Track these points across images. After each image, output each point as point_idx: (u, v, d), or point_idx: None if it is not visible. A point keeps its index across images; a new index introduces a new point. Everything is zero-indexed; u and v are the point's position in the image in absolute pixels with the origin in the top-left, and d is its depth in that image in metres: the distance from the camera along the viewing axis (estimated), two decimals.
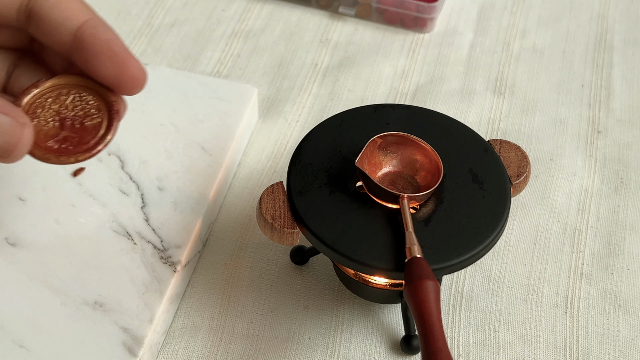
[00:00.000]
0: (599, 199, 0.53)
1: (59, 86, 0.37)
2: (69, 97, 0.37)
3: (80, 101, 0.37)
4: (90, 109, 0.37)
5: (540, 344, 0.46)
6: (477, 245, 0.42)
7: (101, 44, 0.35)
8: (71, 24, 0.36)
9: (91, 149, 0.36)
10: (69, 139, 0.36)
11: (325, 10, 0.65)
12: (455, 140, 0.47)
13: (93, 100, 0.37)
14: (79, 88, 0.37)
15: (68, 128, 0.36)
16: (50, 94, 0.37)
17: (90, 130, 0.36)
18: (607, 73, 0.61)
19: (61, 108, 0.37)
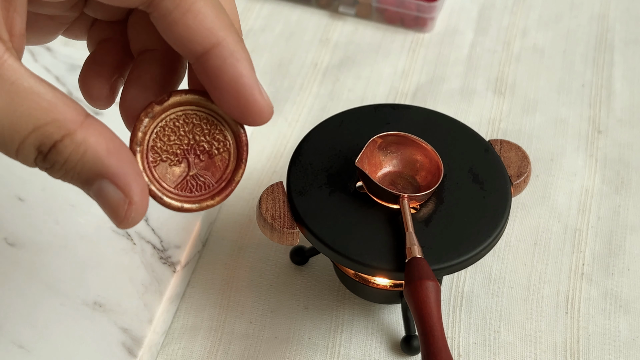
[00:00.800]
0: (599, 199, 0.53)
1: (177, 109, 0.31)
2: (190, 122, 0.31)
3: (203, 127, 0.31)
4: (214, 137, 0.31)
5: (540, 344, 0.46)
6: (478, 245, 0.42)
7: (229, 79, 0.29)
8: (200, 41, 0.29)
9: (223, 191, 0.31)
10: (197, 179, 0.31)
11: (325, 10, 0.65)
12: (456, 140, 0.47)
13: (217, 127, 0.31)
14: (200, 109, 0.31)
15: (194, 165, 0.31)
16: (169, 120, 0.31)
17: (218, 165, 0.31)
18: (608, 73, 0.61)
19: (183, 137, 0.31)
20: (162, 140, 0.30)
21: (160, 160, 0.30)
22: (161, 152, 0.30)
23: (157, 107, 0.30)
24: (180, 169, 0.31)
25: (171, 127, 0.30)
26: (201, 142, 0.31)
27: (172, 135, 0.30)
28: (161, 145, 0.30)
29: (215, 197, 0.31)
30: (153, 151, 0.30)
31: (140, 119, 0.30)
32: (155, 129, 0.30)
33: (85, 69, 0.33)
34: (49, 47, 0.57)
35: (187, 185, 0.31)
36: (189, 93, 0.31)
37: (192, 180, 0.31)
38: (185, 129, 0.31)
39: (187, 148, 0.31)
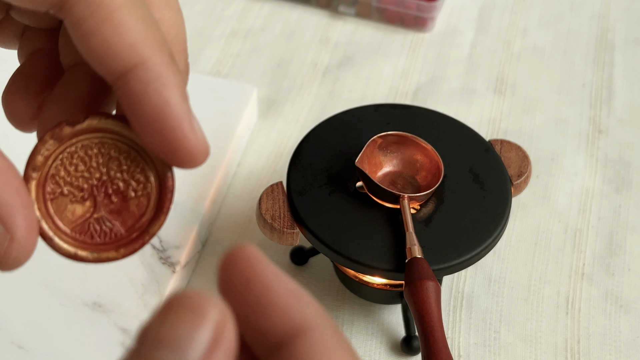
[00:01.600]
0: (600, 199, 0.53)
1: (93, 135, 0.25)
2: (107, 153, 0.25)
3: (121, 162, 0.25)
4: (134, 176, 0.25)
5: (541, 344, 0.46)
6: (478, 245, 0.42)
7: (152, 108, 0.23)
8: (118, 59, 0.23)
9: (132, 244, 0.25)
10: (103, 224, 0.25)
11: (325, 10, 0.65)
12: (456, 140, 0.47)
13: (139, 164, 0.25)
14: (121, 140, 0.25)
15: (102, 205, 0.25)
16: (80, 147, 0.25)
17: (132, 211, 0.25)
18: (609, 72, 0.61)
19: (94, 171, 0.25)
20: (67, 169, 0.25)
21: (60, 193, 0.25)
22: (63, 184, 0.25)
23: (68, 128, 0.24)
24: (84, 208, 0.25)
25: (81, 155, 0.25)
26: (116, 179, 0.25)
27: (80, 165, 0.25)
28: (65, 175, 0.25)
29: (120, 249, 0.25)
30: (53, 181, 0.25)
31: (43, 140, 0.24)
32: (61, 155, 0.25)
33: (10, 83, 0.27)
34: None
35: (88, 228, 0.25)
36: (110, 118, 0.25)
37: (96, 224, 0.25)
38: (99, 160, 0.25)
39: (96, 184, 0.25)
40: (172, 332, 0.17)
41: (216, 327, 0.17)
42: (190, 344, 0.17)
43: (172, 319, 0.17)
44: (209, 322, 0.17)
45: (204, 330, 0.17)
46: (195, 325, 0.17)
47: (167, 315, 0.18)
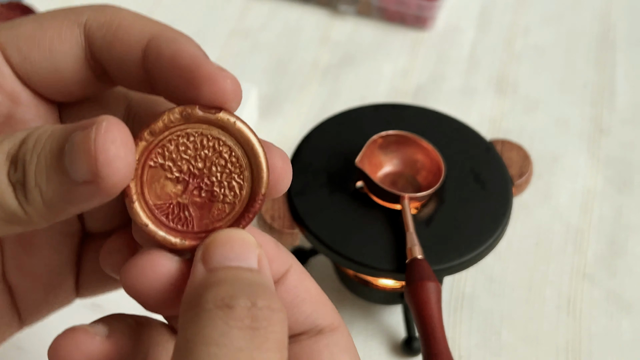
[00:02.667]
0: (602, 199, 0.53)
1: (216, 130, 0.25)
2: (218, 149, 0.25)
3: (227, 164, 0.25)
4: (231, 181, 0.25)
5: (542, 345, 0.46)
6: (479, 246, 0.42)
7: (166, 58, 0.25)
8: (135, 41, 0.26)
9: (194, 240, 0.25)
10: (182, 210, 0.25)
11: (325, 8, 0.65)
12: (457, 140, 0.46)
13: (242, 174, 0.25)
14: (238, 144, 0.25)
15: (191, 194, 0.25)
16: (198, 134, 0.25)
17: (212, 212, 0.25)
18: (611, 72, 0.61)
19: (200, 159, 0.25)
20: (178, 147, 0.25)
21: (160, 164, 0.25)
22: (167, 158, 0.25)
23: (199, 112, 0.25)
24: (174, 189, 0.25)
25: (197, 141, 0.25)
26: (214, 177, 0.25)
27: (191, 149, 0.25)
28: (174, 150, 0.25)
29: (185, 240, 0.25)
30: (160, 150, 0.25)
31: (172, 110, 0.25)
32: (179, 132, 0.25)
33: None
34: None
35: (168, 208, 0.25)
36: (241, 121, 0.25)
37: (177, 208, 0.25)
38: (209, 153, 0.25)
39: (196, 173, 0.25)
40: (234, 251, 0.23)
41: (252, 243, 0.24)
42: (249, 255, 0.23)
43: (229, 245, 0.23)
44: (253, 242, 0.24)
45: (252, 247, 0.24)
46: (247, 245, 0.24)
47: (223, 244, 0.24)
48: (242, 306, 0.21)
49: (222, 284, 0.22)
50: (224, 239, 0.24)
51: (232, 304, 0.21)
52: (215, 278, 0.22)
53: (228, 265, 0.23)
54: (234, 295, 0.21)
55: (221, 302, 0.21)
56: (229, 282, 0.22)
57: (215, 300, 0.21)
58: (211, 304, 0.21)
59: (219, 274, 0.23)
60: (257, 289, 0.22)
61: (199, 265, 0.23)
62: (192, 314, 0.21)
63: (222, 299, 0.21)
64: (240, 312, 0.21)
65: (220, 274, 0.22)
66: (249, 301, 0.21)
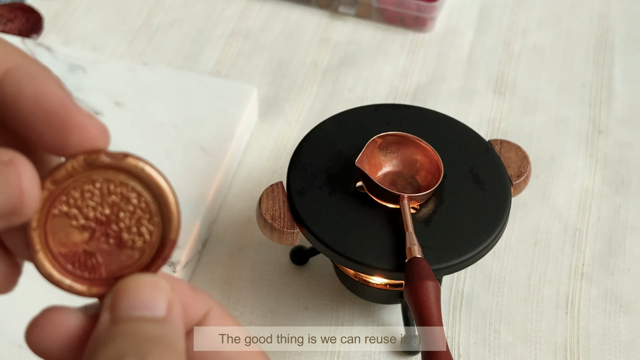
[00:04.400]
0: (599, 199, 0.53)
1: (122, 174, 0.24)
2: (125, 195, 0.24)
3: (135, 209, 0.24)
4: (140, 227, 0.25)
5: (540, 344, 0.46)
6: (478, 245, 0.42)
7: (28, 100, 0.22)
8: None
9: (105, 287, 0.25)
10: (89, 258, 0.25)
11: (325, 10, 0.65)
12: (456, 140, 0.47)
13: (152, 219, 0.25)
14: (146, 190, 0.24)
15: (97, 241, 0.25)
16: (105, 178, 0.24)
17: (121, 259, 0.25)
18: (608, 72, 0.61)
19: (106, 205, 0.24)
20: (83, 194, 0.24)
21: (64, 213, 0.24)
22: (71, 205, 0.24)
23: (105, 158, 0.24)
24: (80, 237, 0.24)
25: (102, 187, 0.24)
26: (122, 223, 0.24)
27: (97, 195, 0.24)
28: (78, 198, 0.24)
29: (92, 287, 0.24)
30: (64, 198, 0.24)
31: (75, 158, 0.23)
32: (84, 179, 0.24)
33: None
34: (48, 46, 0.57)
35: (74, 256, 0.24)
36: (149, 165, 0.24)
37: (83, 256, 0.24)
38: (116, 199, 0.24)
39: (102, 219, 0.24)
40: (141, 298, 0.23)
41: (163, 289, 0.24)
42: (157, 303, 0.23)
43: (136, 292, 0.23)
44: (163, 288, 0.24)
45: (162, 293, 0.23)
46: (156, 291, 0.23)
47: (130, 291, 0.23)
48: None
49: (115, 341, 0.22)
50: (132, 285, 0.23)
51: None
52: (114, 332, 0.22)
53: (131, 316, 0.23)
54: (123, 354, 0.21)
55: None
56: (124, 338, 0.22)
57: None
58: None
59: (120, 327, 0.22)
60: (150, 345, 0.22)
61: (105, 314, 0.23)
62: None
63: (112, 358, 0.21)
64: None
65: (121, 327, 0.22)
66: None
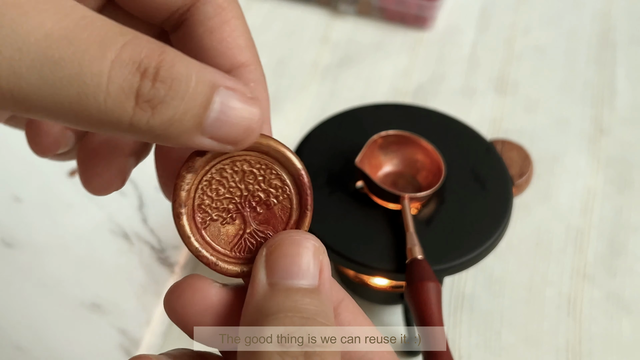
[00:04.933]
0: (602, 199, 0.53)
1: (223, 157, 0.25)
2: (240, 169, 0.26)
3: (255, 174, 0.26)
4: (271, 183, 0.26)
5: (542, 346, 0.46)
6: (479, 246, 0.42)
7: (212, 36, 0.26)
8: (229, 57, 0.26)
9: None
10: (256, 236, 0.26)
11: (325, 8, 0.65)
12: (457, 140, 0.46)
13: (272, 170, 0.26)
14: (249, 153, 0.26)
15: (251, 219, 0.26)
16: (215, 171, 0.25)
17: (279, 216, 0.26)
18: (610, 71, 0.61)
19: (234, 189, 0.26)
20: (210, 195, 0.25)
21: (210, 220, 0.26)
22: (210, 211, 0.26)
23: (199, 159, 0.25)
24: (235, 227, 0.26)
25: (218, 179, 0.25)
26: (256, 191, 0.26)
27: (220, 188, 0.26)
28: (209, 202, 0.25)
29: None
30: (200, 210, 0.25)
31: (181, 176, 0.25)
32: (200, 185, 0.25)
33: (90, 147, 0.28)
34: None
35: (245, 244, 0.26)
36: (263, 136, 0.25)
37: (251, 238, 0.26)
38: (235, 178, 0.26)
39: (240, 201, 0.26)
40: (297, 264, 0.23)
41: (316, 251, 0.24)
42: (310, 269, 0.23)
43: (291, 255, 0.24)
44: (315, 249, 0.24)
45: (314, 256, 0.24)
46: (307, 254, 0.24)
47: (285, 254, 0.24)
48: (295, 347, 0.22)
49: (280, 318, 0.22)
50: (288, 249, 0.24)
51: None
52: (276, 303, 0.23)
53: (289, 286, 0.23)
54: (291, 335, 0.22)
55: (276, 339, 0.22)
56: (289, 316, 0.23)
57: (273, 337, 0.22)
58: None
59: (280, 298, 0.23)
60: (313, 324, 0.23)
61: (261, 272, 0.24)
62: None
63: (279, 336, 0.22)
64: (295, 353, 0.22)
65: (282, 299, 0.23)
66: (302, 341, 0.22)
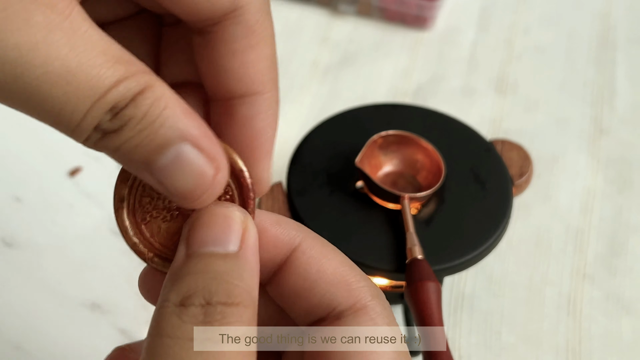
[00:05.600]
0: (602, 199, 0.53)
1: None
2: None
3: None
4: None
5: (542, 345, 0.46)
6: (479, 246, 0.42)
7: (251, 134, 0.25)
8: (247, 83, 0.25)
9: None
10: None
11: (325, 8, 0.65)
12: (457, 140, 0.46)
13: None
14: None
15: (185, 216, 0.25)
16: None
17: None
18: (610, 71, 0.61)
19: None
20: (150, 193, 0.25)
21: (150, 217, 0.25)
22: (151, 208, 0.25)
23: None
24: (177, 225, 0.25)
25: None
26: None
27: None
28: (149, 199, 0.25)
29: None
30: (141, 207, 0.25)
31: (123, 172, 0.25)
32: (142, 182, 0.25)
33: None
34: None
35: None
36: None
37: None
38: None
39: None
40: (213, 232, 0.24)
41: (237, 219, 0.24)
42: (228, 237, 0.24)
43: (209, 225, 0.24)
44: (236, 220, 0.24)
45: (234, 225, 0.24)
46: (228, 224, 0.24)
47: (203, 225, 0.24)
48: (195, 305, 0.22)
49: (186, 278, 0.23)
50: (206, 219, 0.24)
51: (187, 304, 0.22)
52: (186, 269, 0.23)
53: (203, 252, 0.23)
54: (192, 294, 0.22)
55: (178, 300, 0.22)
56: (194, 276, 0.23)
57: (174, 298, 0.22)
58: (170, 302, 0.22)
59: (192, 263, 0.23)
60: (218, 283, 0.23)
61: (181, 247, 0.24)
62: (156, 309, 0.23)
63: (181, 297, 0.22)
64: (194, 310, 0.22)
65: (192, 263, 0.23)
66: (203, 299, 0.22)
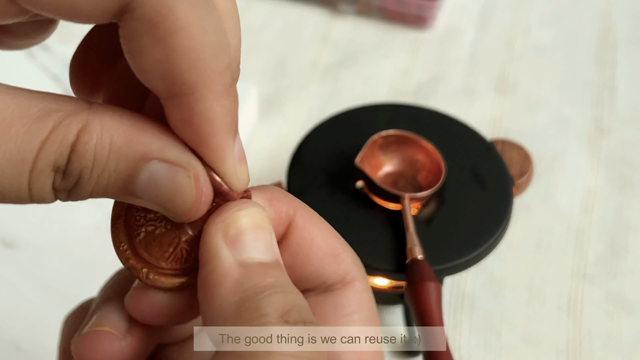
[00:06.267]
0: (602, 199, 0.53)
1: None
2: None
3: None
4: None
5: (542, 346, 0.46)
6: (479, 246, 0.42)
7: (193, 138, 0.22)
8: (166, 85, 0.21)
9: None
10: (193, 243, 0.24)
11: (325, 8, 0.65)
12: (457, 140, 0.46)
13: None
14: None
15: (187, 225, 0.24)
16: None
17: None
18: (611, 71, 0.61)
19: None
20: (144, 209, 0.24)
21: (145, 231, 0.24)
22: (145, 222, 0.24)
23: None
24: (170, 236, 0.24)
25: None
26: None
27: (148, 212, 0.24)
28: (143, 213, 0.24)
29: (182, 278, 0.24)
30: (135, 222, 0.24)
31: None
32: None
33: (77, 53, 0.24)
34: (46, 44, 0.56)
35: (182, 254, 0.24)
36: None
37: (187, 247, 0.24)
38: None
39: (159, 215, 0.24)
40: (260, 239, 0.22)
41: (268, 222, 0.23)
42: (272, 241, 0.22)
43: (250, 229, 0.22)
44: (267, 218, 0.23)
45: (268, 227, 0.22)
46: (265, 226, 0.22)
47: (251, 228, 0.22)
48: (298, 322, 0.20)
49: (272, 292, 0.21)
50: (247, 220, 0.22)
51: (290, 320, 0.20)
52: (257, 281, 0.21)
53: (259, 261, 0.21)
54: (291, 310, 0.20)
55: (281, 316, 0.20)
56: (276, 289, 0.21)
57: (275, 314, 0.20)
58: (273, 317, 0.20)
59: (255, 273, 0.21)
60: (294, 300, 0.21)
61: (224, 250, 0.21)
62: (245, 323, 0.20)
63: (281, 314, 0.20)
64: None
65: (256, 274, 0.21)
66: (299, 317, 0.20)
